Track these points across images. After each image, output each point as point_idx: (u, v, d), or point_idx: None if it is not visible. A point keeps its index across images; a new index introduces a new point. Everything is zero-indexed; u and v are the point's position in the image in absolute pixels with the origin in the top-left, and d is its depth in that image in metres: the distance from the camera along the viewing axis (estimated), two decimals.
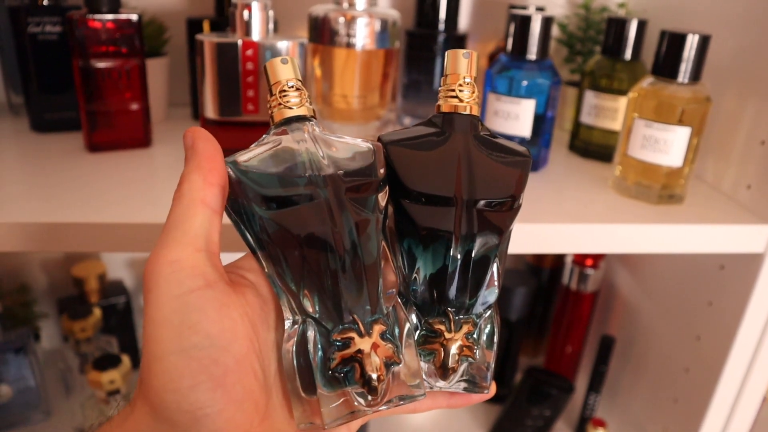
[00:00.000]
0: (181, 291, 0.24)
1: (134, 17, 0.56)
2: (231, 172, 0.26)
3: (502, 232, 0.29)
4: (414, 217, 0.28)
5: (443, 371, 0.29)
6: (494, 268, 0.29)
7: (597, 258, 0.79)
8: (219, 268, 0.25)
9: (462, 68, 0.30)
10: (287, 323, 0.27)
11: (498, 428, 0.80)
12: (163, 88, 0.69)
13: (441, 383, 0.30)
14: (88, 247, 0.46)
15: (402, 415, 0.83)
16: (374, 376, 0.26)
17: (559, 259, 0.85)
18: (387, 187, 0.28)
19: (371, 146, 0.29)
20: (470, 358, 0.29)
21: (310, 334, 0.26)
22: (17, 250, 0.45)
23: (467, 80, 0.30)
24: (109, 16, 0.55)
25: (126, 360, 0.72)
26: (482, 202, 0.28)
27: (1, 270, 0.80)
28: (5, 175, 0.53)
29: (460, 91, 0.30)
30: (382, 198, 0.28)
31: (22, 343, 0.72)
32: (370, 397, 0.26)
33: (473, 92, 0.30)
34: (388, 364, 0.27)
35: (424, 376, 0.29)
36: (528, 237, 0.50)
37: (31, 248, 0.45)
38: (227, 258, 0.28)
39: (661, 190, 0.55)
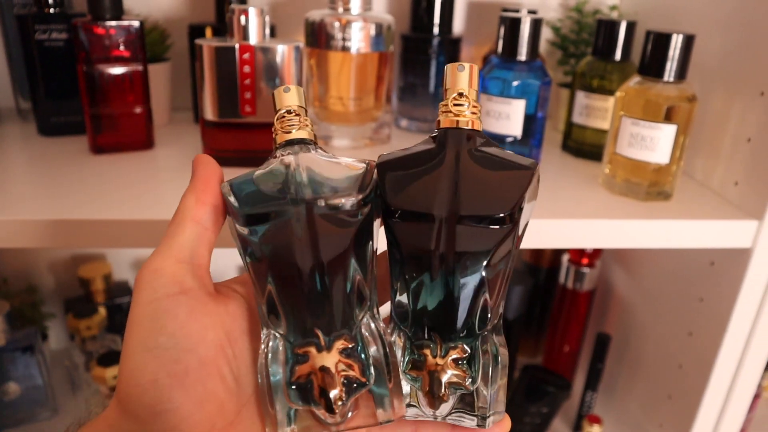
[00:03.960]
0: (157, 296, 0.26)
1: (136, 24, 0.58)
2: (223, 192, 0.28)
3: (490, 251, 0.27)
4: (395, 235, 0.28)
5: (430, 399, 0.28)
6: (485, 289, 0.27)
7: (593, 257, 0.80)
8: (201, 279, 0.27)
9: (458, 82, 0.29)
10: (263, 335, 0.28)
11: None
12: (165, 93, 0.72)
13: (437, 412, 0.29)
14: (93, 243, 0.48)
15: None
16: (332, 393, 0.26)
17: (556, 258, 0.86)
18: (371, 206, 0.28)
19: (364, 167, 0.29)
20: (461, 388, 0.28)
21: (280, 347, 0.27)
22: (25, 247, 0.47)
23: (463, 94, 0.29)
24: (113, 23, 0.57)
25: None
26: (468, 218, 0.27)
27: (10, 271, 0.83)
28: (14, 176, 0.55)
29: (455, 105, 0.29)
30: (365, 216, 0.28)
31: (30, 342, 0.74)
32: (329, 417, 0.27)
33: (470, 105, 0.29)
34: (351, 383, 0.27)
35: (418, 407, 0.29)
36: None
37: (38, 245, 0.47)
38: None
39: (649, 187, 0.56)
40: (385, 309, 0.31)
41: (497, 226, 0.27)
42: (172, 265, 0.26)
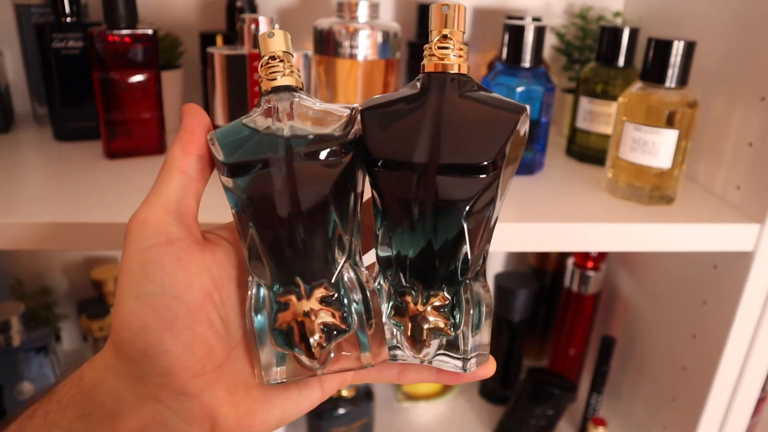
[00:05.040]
0: (144, 246, 0.27)
1: (150, 32, 0.60)
2: (208, 142, 0.29)
3: (471, 200, 0.27)
4: (376, 183, 0.28)
5: (412, 343, 0.29)
6: (465, 240, 0.27)
7: (597, 260, 0.81)
8: (188, 227, 0.28)
9: (443, 23, 0.28)
10: (249, 282, 0.28)
11: (502, 428, 0.82)
12: (177, 99, 0.73)
13: (420, 356, 0.30)
14: (106, 246, 0.49)
15: (407, 414, 0.85)
16: (312, 339, 0.27)
17: (562, 262, 0.87)
18: (353, 154, 0.28)
19: (348, 114, 0.28)
20: (443, 333, 0.29)
21: (264, 294, 0.28)
22: (40, 249, 0.49)
23: (447, 36, 0.28)
24: (127, 31, 0.59)
25: None
26: (448, 167, 0.26)
27: (25, 273, 0.85)
28: (31, 180, 0.57)
29: (439, 48, 0.28)
30: (346, 165, 0.27)
31: (44, 342, 0.76)
32: (309, 362, 0.28)
33: (456, 48, 0.28)
34: (331, 329, 0.28)
35: (404, 350, 0.30)
36: (524, 236, 0.52)
37: (53, 247, 0.49)
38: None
39: (652, 191, 0.57)
40: (372, 255, 0.31)
41: (478, 175, 0.26)
42: (158, 215, 0.27)
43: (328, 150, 0.27)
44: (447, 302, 0.29)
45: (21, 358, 0.75)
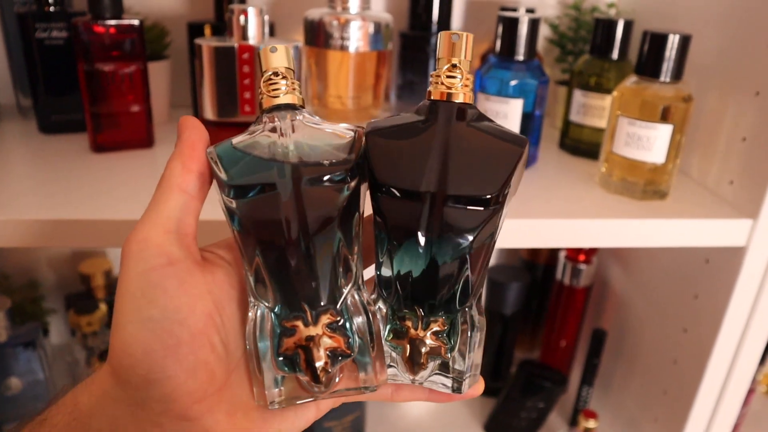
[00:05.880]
0: (145, 268, 0.26)
1: (136, 22, 0.58)
2: (209, 161, 0.28)
3: (476, 230, 0.27)
4: (383, 210, 0.28)
5: (410, 366, 0.29)
6: (467, 267, 0.28)
7: (589, 253, 0.81)
8: (188, 248, 0.27)
9: (452, 52, 0.28)
10: (250, 303, 0.28)
11: (493, 420, 0.82)
12: (165, 91, 0.72)
13: (414, 377, 0.30)
14: (93, 242, 0.48)
15: (399, 408, 0.85)
16: (318, 364, 0.27)
17: (553, 255, 0.87)
18: (358, 177, 0.28)
19: (352, 136, 0.28)
20: (440, 357, 0.29)
21: (266, 316, 0.28)
22: (26, 246, 0.48)
23: (456, 65, 0.28)
24: (112, 22, 0.57)
25: None
26: (455, 198, 0.27)
27: (12, 267, 0.83)
28: (15, 175, 0.56)
29: (448, 76, 0.28)
30: (353, 189, 0.27)
31: (32, 337, 0.75)
32: (314, 385, 0.28)
33: (463, 78, 0.29)
34: (336, 354, 0.27)
35: (397, 370, 0.30)
36: (517, 232, 0.52)
37: (39, 244, 0.48)
38: None
39: (646, 186, 0.57)
40: (369, 271, 0.31)
41: (483, 208, 0.27)
42: (159, 235, 0.26)
43: (335, 174, 0.26)
44: (446, 328, 0.29)
45: (8, 354, 0.74)
